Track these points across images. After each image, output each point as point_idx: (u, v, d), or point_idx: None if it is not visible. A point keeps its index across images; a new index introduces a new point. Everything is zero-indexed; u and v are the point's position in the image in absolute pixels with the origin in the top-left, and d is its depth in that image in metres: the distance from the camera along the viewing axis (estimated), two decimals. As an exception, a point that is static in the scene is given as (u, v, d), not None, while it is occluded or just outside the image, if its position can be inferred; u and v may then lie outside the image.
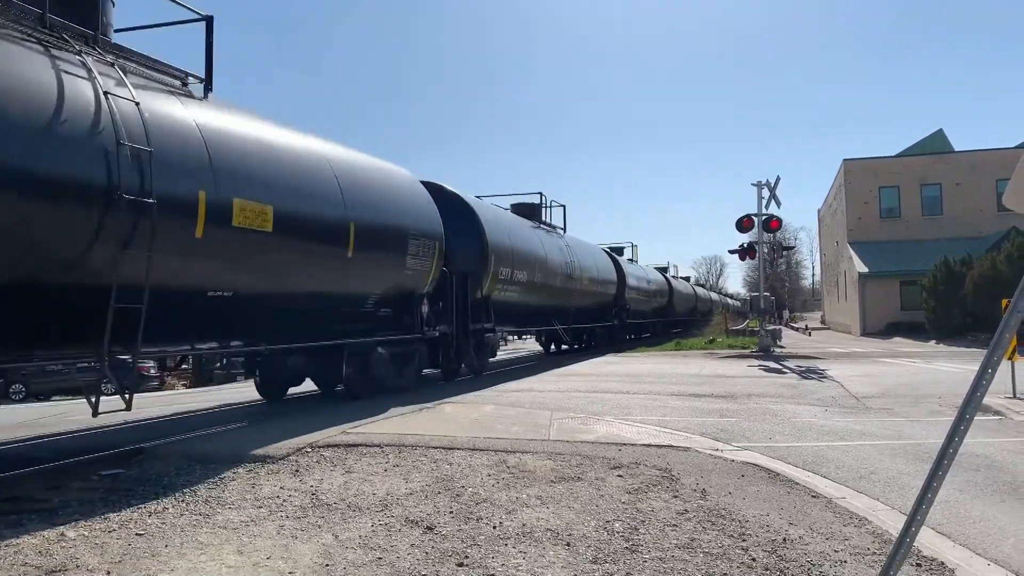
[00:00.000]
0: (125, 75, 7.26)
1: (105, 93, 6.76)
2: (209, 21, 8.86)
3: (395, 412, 9.51)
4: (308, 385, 13.01)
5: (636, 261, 34.03)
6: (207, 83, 8.84)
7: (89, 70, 6.79)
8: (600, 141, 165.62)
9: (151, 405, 12.68)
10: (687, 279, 54.31)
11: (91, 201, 6.44)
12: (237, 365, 25.31)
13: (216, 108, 8.64)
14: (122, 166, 6.65)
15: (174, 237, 7.30)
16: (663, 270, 42.02)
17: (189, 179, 7.54)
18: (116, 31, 8.12)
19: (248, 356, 12.74)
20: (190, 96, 8.34)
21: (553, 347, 25.10)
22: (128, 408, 7.02)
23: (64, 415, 12.19)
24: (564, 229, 22.58)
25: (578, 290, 21.60)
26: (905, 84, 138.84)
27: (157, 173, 6.98)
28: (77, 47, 6.97)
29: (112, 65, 7.28)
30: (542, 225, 20.53)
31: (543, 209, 21.17)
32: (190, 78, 8.65)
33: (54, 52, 6.64)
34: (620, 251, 32.21)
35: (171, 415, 11.13)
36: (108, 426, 9.83)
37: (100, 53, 7.31)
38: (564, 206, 22.67)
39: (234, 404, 12.44)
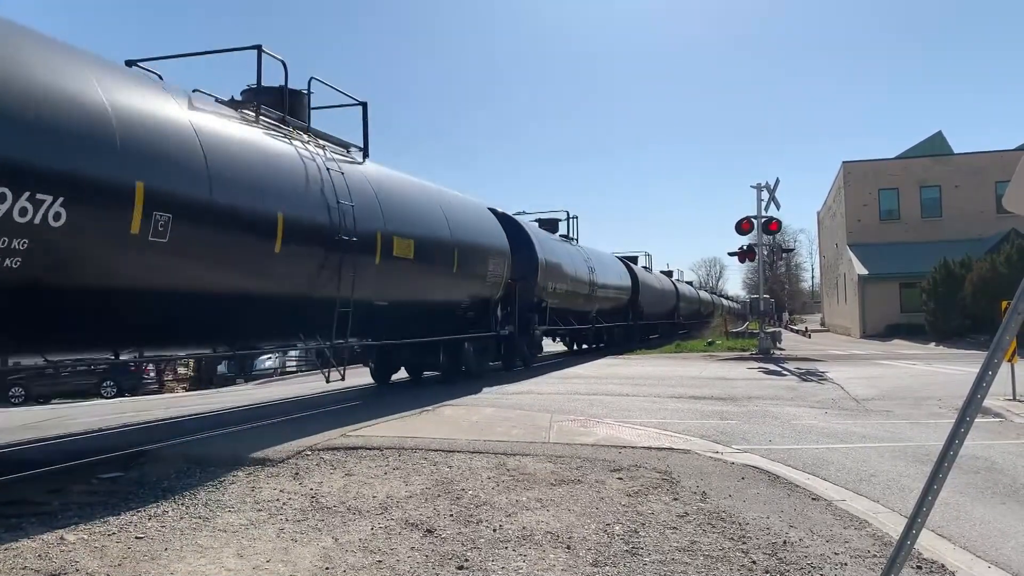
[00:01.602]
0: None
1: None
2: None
3: (395, 415, 9.50)
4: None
5: (576, 240, 23.49)
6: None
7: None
8: (597, 142, 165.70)
9: (155, 408, 12.68)
10: (669, 274, 43.53)
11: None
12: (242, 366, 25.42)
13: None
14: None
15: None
16: (630, 260, 31.50)
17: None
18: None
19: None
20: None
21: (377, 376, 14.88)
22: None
23: (65, 418, 12.18)
24: (365, 153, 11.67)
25: (406, 272, 11.62)
26: (904, 86, 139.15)
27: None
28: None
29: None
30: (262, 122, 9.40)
31: (309, 106, 10.64)
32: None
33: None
34: (553, 225, 22.55)
35: (193, 415, 11.12)
36: (110, 429, 9.82)
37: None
38: (364, 104, 11.50)
39: (242, 407, 12.43)
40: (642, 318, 30.54)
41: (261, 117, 9.33)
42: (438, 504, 5.28)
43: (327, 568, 4.04)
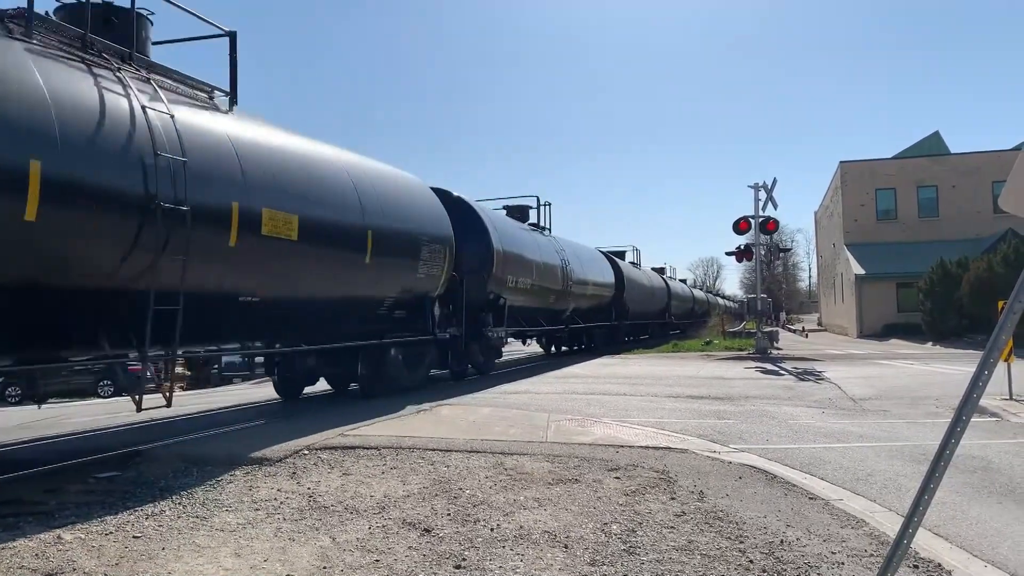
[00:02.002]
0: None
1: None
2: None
3: (392, 414, 9.50)
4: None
5: (549, 230, 20.69)
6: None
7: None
8: (596, 143, 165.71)
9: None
10: (661, 271, 40.65)
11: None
12: (235, 367, 25.36)
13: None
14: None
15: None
16: (616, 255, 28.53)
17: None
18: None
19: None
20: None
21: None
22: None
23: (60, 418, 12.16)
24: (233, 99, 9.16)
25: (286, 258, 9.31)
26: (902, 86, 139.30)
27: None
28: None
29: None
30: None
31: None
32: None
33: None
34: (522, 213, 19.97)
35: (179, 416, 11.10)
36: (106, 429, 9.81)
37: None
38: (231, 34, 9.10)
39: (233, 406, 12.41)
40: (628, 317, 27.91)
41: (38, 33, 6.62)
42: (435, 503, 5.28)
43: (325, 567, 4.04)
